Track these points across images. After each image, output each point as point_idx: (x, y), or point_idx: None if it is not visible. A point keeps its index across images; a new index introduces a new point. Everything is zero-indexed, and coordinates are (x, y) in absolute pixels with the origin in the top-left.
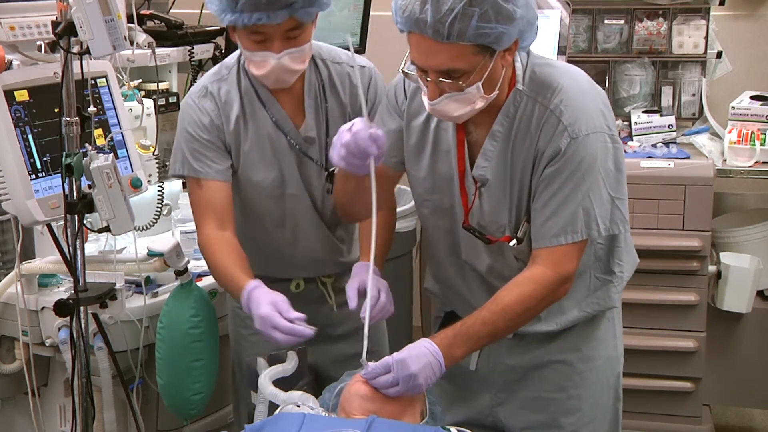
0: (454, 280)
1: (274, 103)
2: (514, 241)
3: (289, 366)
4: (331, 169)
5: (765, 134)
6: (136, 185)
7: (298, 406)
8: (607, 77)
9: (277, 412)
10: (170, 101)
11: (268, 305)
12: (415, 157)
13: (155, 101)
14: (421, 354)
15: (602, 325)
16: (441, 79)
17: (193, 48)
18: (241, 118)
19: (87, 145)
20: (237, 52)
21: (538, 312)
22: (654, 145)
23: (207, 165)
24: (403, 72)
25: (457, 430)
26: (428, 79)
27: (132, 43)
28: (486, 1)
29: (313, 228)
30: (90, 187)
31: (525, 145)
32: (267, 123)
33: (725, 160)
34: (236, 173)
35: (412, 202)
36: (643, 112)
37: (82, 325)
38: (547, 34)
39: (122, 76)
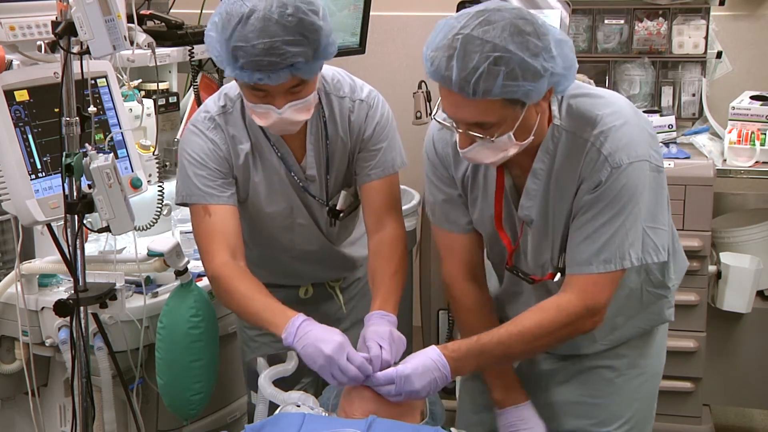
0: (503, 306)
1: (279, 139)
2: (558, 275)
3: (289, 366)
4: (331, 203)
5: (765, 134)
6: (136, 185)
7: (298, 406)
8: (607, 77)
9: (277, 412)
10: (170, 101)
11: (335, 344)
12: (471, 201)
13: (155, 101)
14: (427, 369)
15: (650, 336)
16: (470, 132)
17: (193, 48)
18: (250, 153)
19: (87, 145)
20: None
21: (558, 340)
22: None
23: (217, 191)
24: (435, 119)
25: (458, 430)
26: (459, 130)
27: (132, 43)
28: (512, 60)
29: (322, 248)
30: (90, 187)
31: (568, 179)
32: (273, 157)
33: (725, 160)
34: (244, 203)
35: (413, 202)
36: (643, 112)
37: (82, 325)
38: None
39: (122, 76)
